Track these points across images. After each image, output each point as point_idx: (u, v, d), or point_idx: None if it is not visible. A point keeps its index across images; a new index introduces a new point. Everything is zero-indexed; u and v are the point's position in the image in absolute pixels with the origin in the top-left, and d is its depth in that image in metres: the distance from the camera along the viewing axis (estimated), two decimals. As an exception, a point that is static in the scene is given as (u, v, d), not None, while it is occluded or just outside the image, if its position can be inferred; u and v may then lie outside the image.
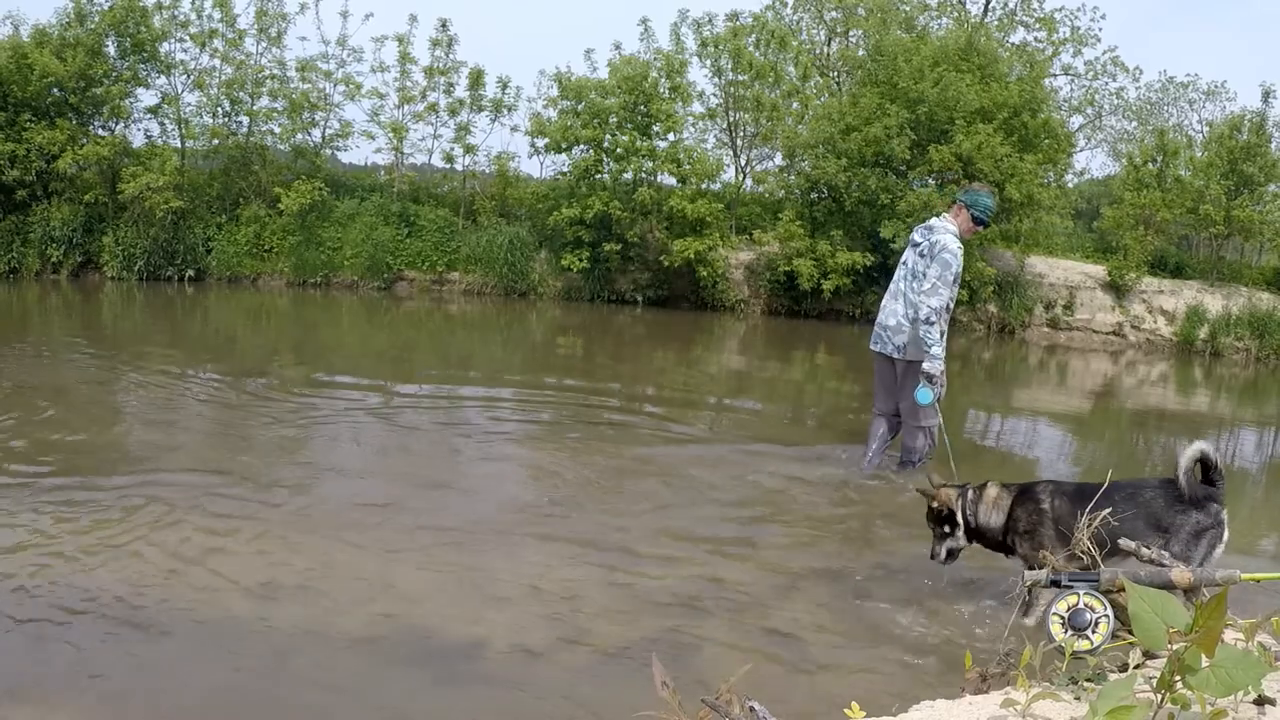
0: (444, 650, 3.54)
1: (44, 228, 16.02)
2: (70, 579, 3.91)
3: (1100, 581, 3.20)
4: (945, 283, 5.69)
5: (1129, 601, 1.81)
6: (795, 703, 3.18)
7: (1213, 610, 1.67)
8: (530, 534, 4.77)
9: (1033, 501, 3.99)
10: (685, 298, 17.36)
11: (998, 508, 4.03)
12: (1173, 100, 27.35)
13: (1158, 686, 1.72)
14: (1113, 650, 2.68)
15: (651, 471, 6.16)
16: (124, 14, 16.20)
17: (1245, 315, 16.96)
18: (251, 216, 17.00)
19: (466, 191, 18.49)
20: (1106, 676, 2.19)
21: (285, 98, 17.34)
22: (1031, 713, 1.88)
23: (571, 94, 16.94)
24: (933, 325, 5.68)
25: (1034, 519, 3.96)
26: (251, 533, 4.58)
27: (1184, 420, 10.72)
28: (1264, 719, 1.82)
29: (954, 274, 5.74)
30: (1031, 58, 19.95)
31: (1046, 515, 3.95)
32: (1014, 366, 14.33)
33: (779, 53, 18.07)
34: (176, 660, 3.36)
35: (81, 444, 6.05)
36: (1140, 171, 18.66)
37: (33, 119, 15.78)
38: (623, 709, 2.93)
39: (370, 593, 3.99)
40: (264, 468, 5.77)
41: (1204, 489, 3.85)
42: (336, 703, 3.15)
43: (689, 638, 3.68)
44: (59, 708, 3.05)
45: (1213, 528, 3.81)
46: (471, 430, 7.11)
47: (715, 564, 4.49)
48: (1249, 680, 1.66)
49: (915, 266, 5.92)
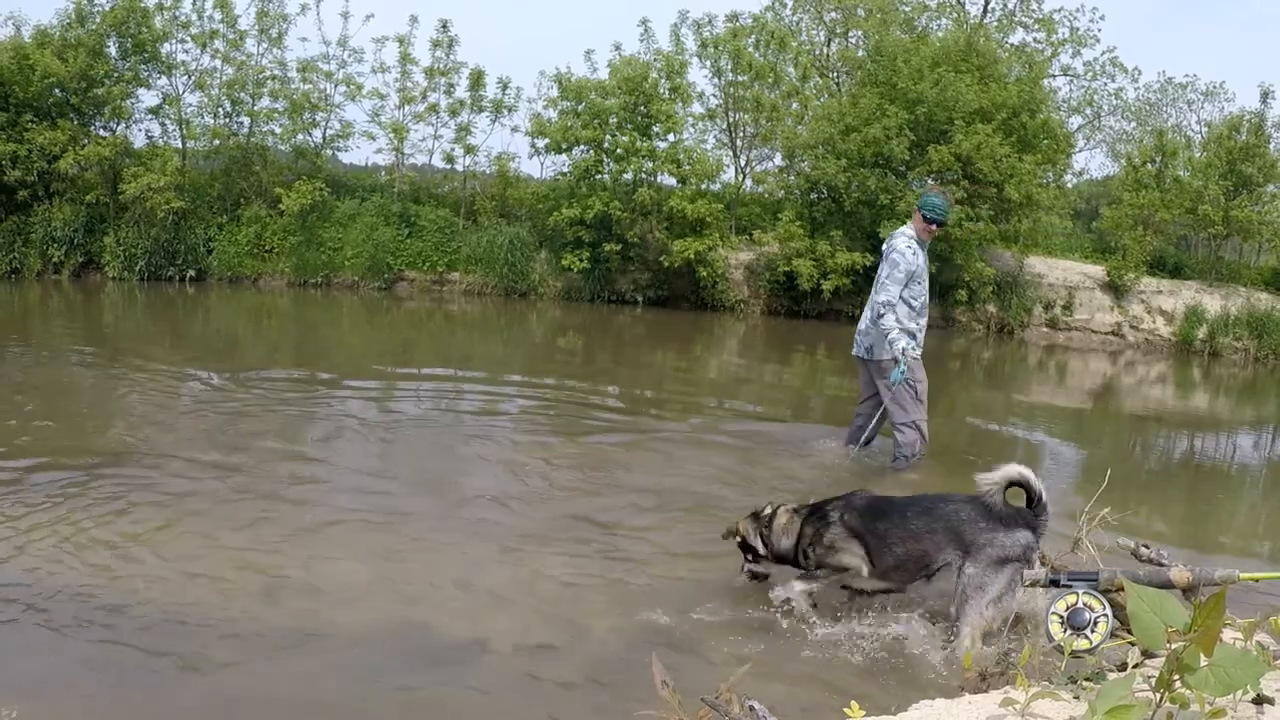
0: (441, 649, 3.55)
1: (45, 228, 16.05)
2: (68, 576, 3.93)
3: (1099, 581, 3.22)
4: (894, 280, 6.08)
5: (1128, 601, 1.82)
6: (794, 702, 3.19)
7: (1211, 610, 1.68)
8: (531, 533, 4.79)
9: (821, 519, 3.96)
10: (685, 298, 17.39)
11: (787, 533, 4.01)
12: (1171, 101, 27.44)
13: (1156, 686, 1.73)
14: (1112, 650, 2.70)
15: (647, 466, 6.20)
16: (125, 15, 16.22)
17: (1244, 315, 17.00)
18: (252, 217, 17.02)
19: (467, 192, 18.51)
20: (1105, 676, 2.19)
21: (286, 98, 17.36)
22: (1031, 712, 1.90)
23: (572, 95, 16.97)
24: (883, 317, 6.09)
25: (820, 534, 3.92)
26: (248, 531, 4.58)
27: (1182, 420, 10.75)
28: (1263, 718, 1.83)
29: (902, 271, 6.08)
30: (1030, 58, 20.00)
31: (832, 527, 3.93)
32: (1013, 367, 14.36)
33: (779, 53, 18.10)
34: (171, 659, 3.37)
35: (80, 440, 6.06)
36: (1139, 172, 18.70)
37: (34, 119, 15.81)
38: (623, 708, 2.96)
39: (365, 589, 4.00)
40: (258, 464, 5.78)
41: (1015, 513, 3.66)
42: (334, 701, 3.17)
43: (688, 636, 3.68)
44: (55, 705, 3.07)
45: (1018, 560, 3.59)
46: (473, 429, 7.12)
47: (715, 561, 4.47)
48: (1247, 679, 1.67)
49: (879, 273, 6.33)
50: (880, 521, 3.84)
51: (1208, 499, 6.94)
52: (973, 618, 3.51)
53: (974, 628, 3.48)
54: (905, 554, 3.79)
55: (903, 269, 6.08)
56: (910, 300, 6.18)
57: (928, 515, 3.78)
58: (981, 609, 3.53)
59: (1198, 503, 6.80)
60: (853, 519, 3.88)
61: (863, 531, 3.84)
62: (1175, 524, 5.90)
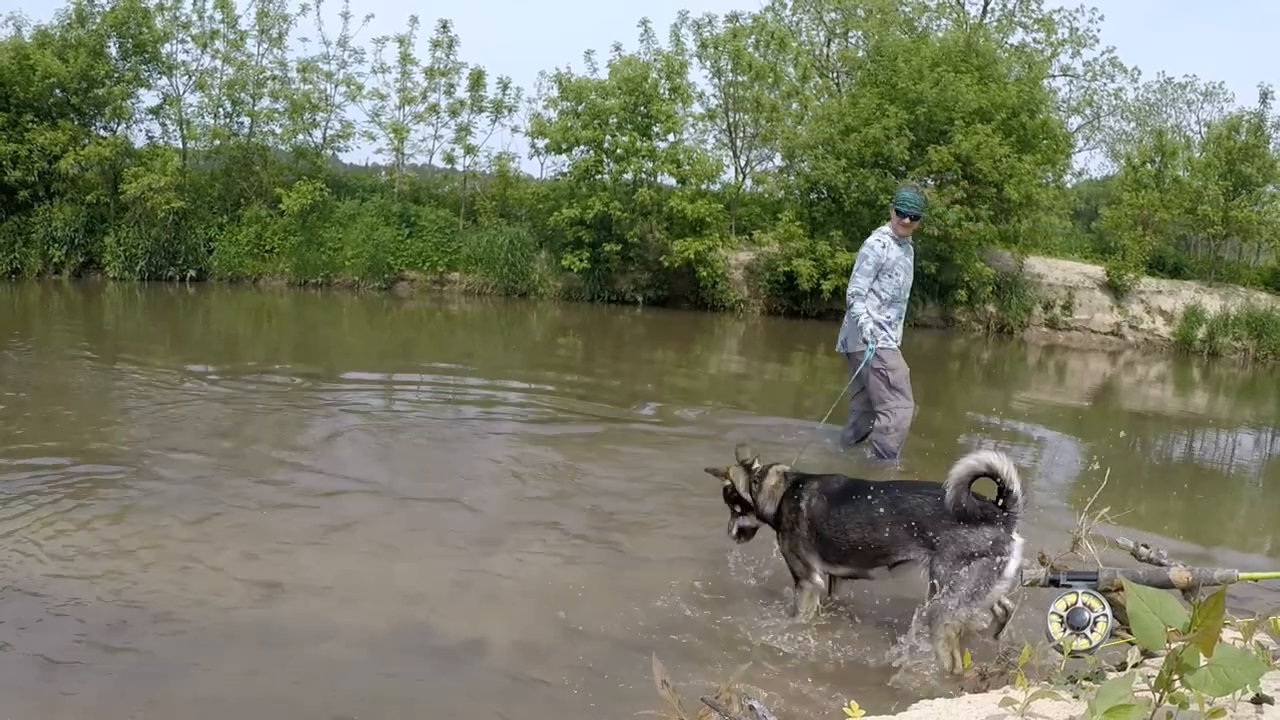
0: (438, 649, 3.55)
1: (46, 228, 16.06)
2: (68, 575, 3.93)
3: (1099, 581, 3.23)
4: (862, 272, 6.35)
5: (1127, 601, 1.83)
6: (794, 701, 3.19)
7: (1211, 610, 1.68)
8: (529, 533, 4.78)
9: (795, 499, 3.87)
10: (685, 298, 17.41)
11: (772, 498, 3.94)
12: (1171, 101, 27.48)
13: (1156, 685, 1.73)
14: (1111, 649, 2.71)
15: (647, 464, 6.21)
16: (125, 15, 16.23)
17: (1243, 315, 17.02)
18: (253, 217, 17.03)
19: (467, 192, 18.53)
20: (1105, 675, 2.20)
21: (286, 98, 17.37)
22: (1030, 711, 1.90)
23: (572, 95, 16.99)
24: (853, 307, 6.41)
25: (792, 517, 3.85)
26: (250, 530, 4.58)
27: (1182, 420, 10.76)
28: (1262, 718, 1.83)
29: (870, 264, 6.34)
30: (1030, 58, 20.02)
31: (802, 515, 3.83)
32: (1013, 366, 14.37)
33: (778, 54, 18.12)
34: (176, 657, 3.36)
35: (82, 437, 6.07)
36: (1139, 172, 18.72)
37: (35, 120, 15.82)
38: (624, 708, 2.96)
39: (373, 590, 4.01)
40: (260, 464, 5.79)
41: (981, 506, 3.40)
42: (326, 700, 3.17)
43: (688, 636, 3.67)
44: (59, 705, 3.06)
45: (986, 555, 3.34)
46: (471, 428, 7.14)
47: (714, 559, 4.49)
48: (1247, 679, 1.67)
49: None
50: (843, 506, 3.72)
51: (1207, 498, 6.95)
52: (945, 619, 3.34)
53: (948, 628, 3.33)
54: (860, 541, 3.65)
55: (870, 261, 6.32)
56: (879, 292, 6.41)
57: (892, 505, 3.62)
58: (952, 610, 3.35)
59: (1196, 502, 6.81)
60: (819, 505, 3.78)
61: (823, 519, 3.75)
62: (1174, 523, 5.91)
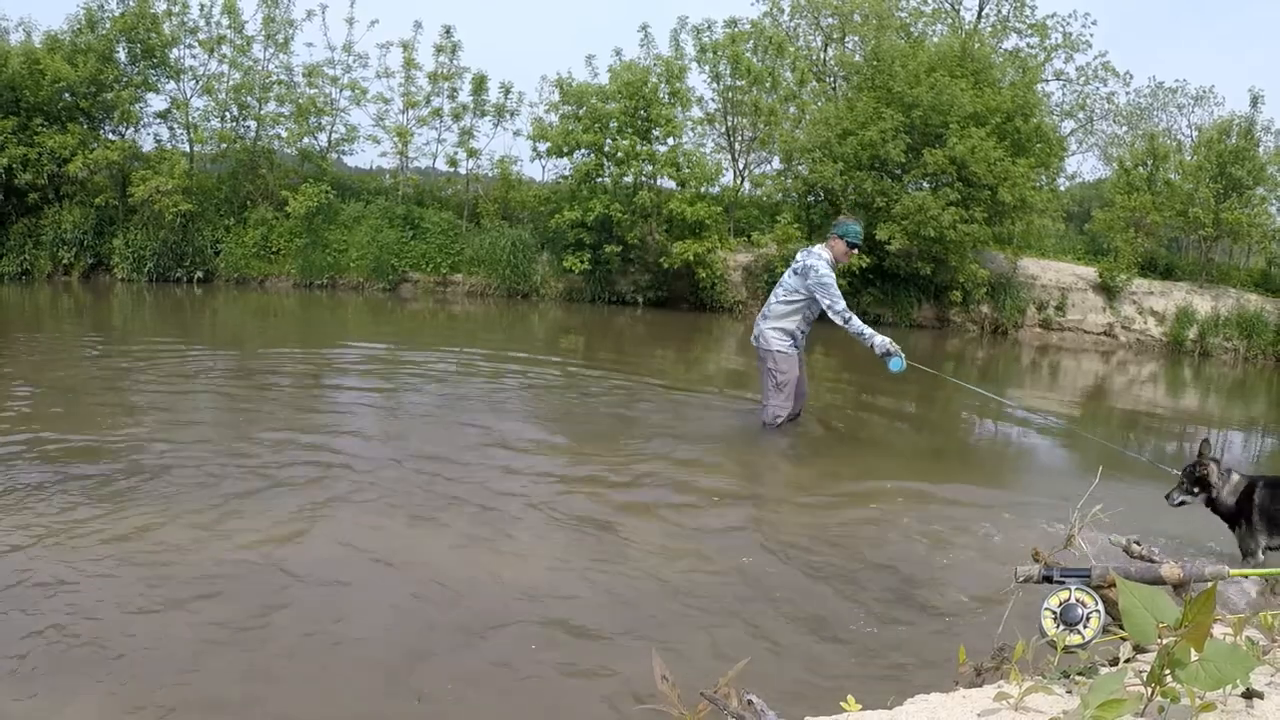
0: (441, 639, 3.52)
1: (55, 230, 16.26)
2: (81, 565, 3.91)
3: (1092, 577, 3.38)
4: (835, 291, 6.93)
5: (1120, 597, 1.89)
6: (791, 696, 3.18)
7: (1202, 605, 1.70)
8: (530, 526, 4.77)
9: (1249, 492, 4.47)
10: (685, 299, 17.61)
11: (1234, 493, 4.55)
12: (1162, 105, 27.70)
13: (1148, 680, 1.76)
14: (1104, 645, 2.78)
15: (646, 463, 6.19)
16: (134, 20, 16.42)
17: (1234, 316, 17.29)
18: (259, 219, 17.22)
19: (470, 195, 18.72)
20: (1098, 670, 2.18)
21: (292, 103, 17.58)
22: (1024, 706, 1.90)
23: (573, 99, 17.19)
24: (849, 322, 6.83)
25: (1245, 506, 4.48)
26: (261, 515, 4.61)
27: (1174, 418, 10.98)
28: (1252, 712, 1.83)
29: (835, 287, 6.97)
30: (1024, 63, 20.25)
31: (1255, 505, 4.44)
32: (1007, 366, 14.55)
33: (776, 58, 18.34)
34: (197, 636, 3.38)
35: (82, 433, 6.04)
36: (1131, 175, 18.99)
37: (44, 123, 16.00)
38: (622, 702, 3.05)
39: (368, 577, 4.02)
40: (272, 452, 5.83)
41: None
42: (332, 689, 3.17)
43: (687, 631, 3.68)
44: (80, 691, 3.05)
45: None
46: (479, 419, 7.15)
47: (713, 557, 4.49)
48: (1237, 674, 1.69)
49: (785, 280, 7.17)
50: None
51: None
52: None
53: None
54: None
55: (833, 285, 6.93)
56: (808, 309, 7.08)
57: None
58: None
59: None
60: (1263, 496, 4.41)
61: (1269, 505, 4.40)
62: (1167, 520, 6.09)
